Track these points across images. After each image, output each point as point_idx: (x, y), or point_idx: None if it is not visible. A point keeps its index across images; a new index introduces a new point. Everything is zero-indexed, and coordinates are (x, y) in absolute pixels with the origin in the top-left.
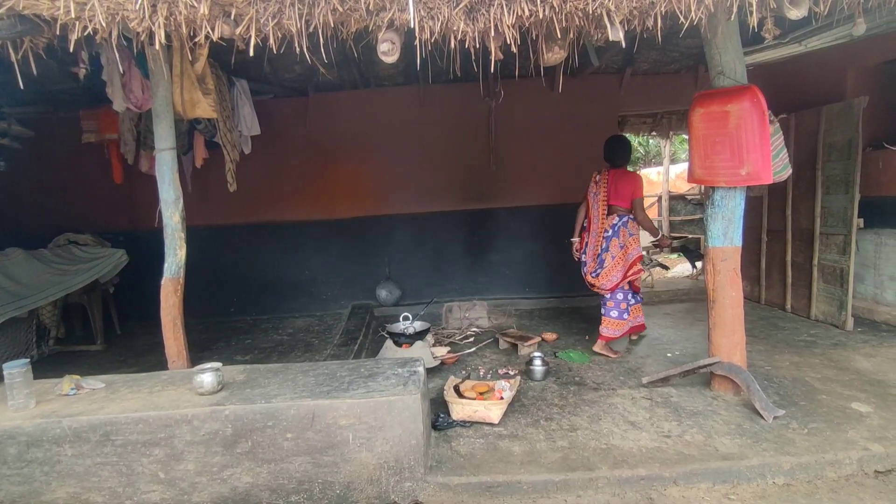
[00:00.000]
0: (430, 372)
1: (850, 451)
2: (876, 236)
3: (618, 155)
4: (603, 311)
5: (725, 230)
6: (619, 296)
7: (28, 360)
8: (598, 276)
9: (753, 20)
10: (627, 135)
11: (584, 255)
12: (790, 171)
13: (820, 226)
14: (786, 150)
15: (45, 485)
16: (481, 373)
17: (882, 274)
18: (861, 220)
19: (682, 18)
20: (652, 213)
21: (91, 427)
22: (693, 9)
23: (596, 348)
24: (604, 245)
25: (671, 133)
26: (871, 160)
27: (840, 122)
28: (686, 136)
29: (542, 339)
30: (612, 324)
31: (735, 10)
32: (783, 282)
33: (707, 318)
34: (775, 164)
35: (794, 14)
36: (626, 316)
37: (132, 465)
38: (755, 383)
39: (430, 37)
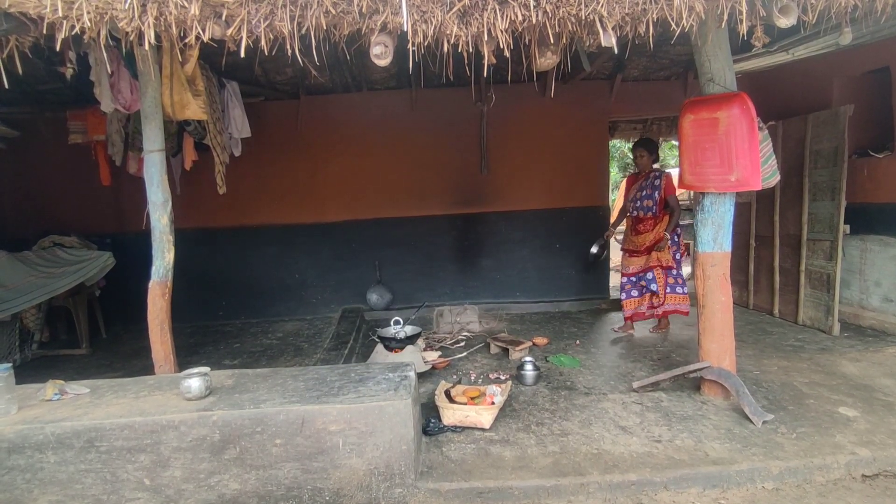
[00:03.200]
0: (421, 377)
1: (837, 456)
2: (861, 242)
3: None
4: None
5: (715, 236)
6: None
7: (10, 364)
8: None
9: (743, 28)
10: (618, 141)
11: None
12: (778, 177)
13: (807, 232)
14: (774, 156)
15: (27, 492)
16: (472, 377)
17: (867, 279)
18: (847, 227)
19: (673, 25)
20: None
21: (75, 433)
22: (684, 16)
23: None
24: None
25: (661, 139)
26: (856, 168)
27: (826, 129)
28: (675, 143)
29: (534, 344)
30: None
31: (725, 17)
32: (771, 287)
33: (696, 323)
34: (764, 171)
35: (784, 23)
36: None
37: (117, 472)
38: (744, 388)
39: (423, 40)
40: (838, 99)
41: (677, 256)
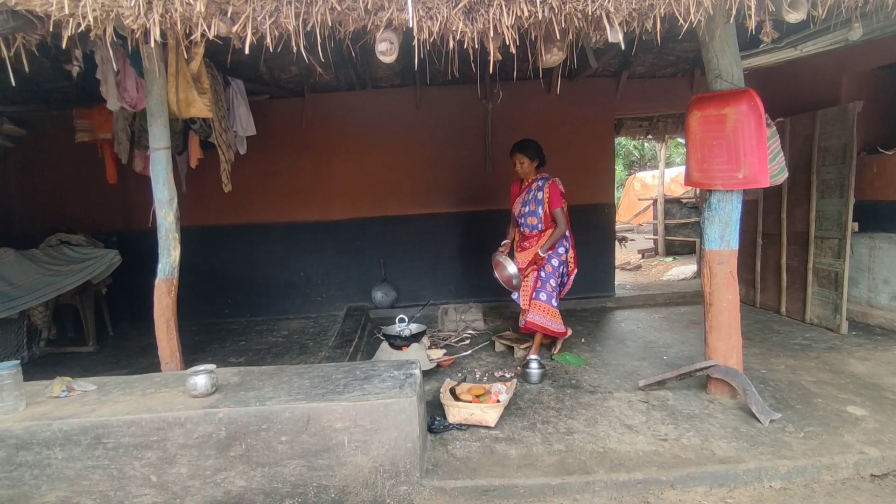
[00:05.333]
0: (426, 374)
1: (846, 455)
2: (870, 240)
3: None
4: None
5: (722, 233)
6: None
7: (18, 361)
8: None
9: (751, 23)
10: (624, 138)
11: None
12: (786, 174)
13: (815, 230)
14: (782, 153)
15: (35, 488)
16: (477, 375)
17: (876, 278)
18: (856, 224)
19: (680, 21)
20: (647, 217)
21: (82, 430)
22: (692, 11)
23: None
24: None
25: (667, 136)
26: (865, 164)
27: (835, 126)
28: (682, 140)
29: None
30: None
31: (734, 13)
32: (778, 285)
33: (703, 322)
34: (772, 168)
35: (793, 17)
36: None
37: (124, 469)
38: (751, 386)
39: (429, 37)
40: (847, 95)
41: (552, 282)
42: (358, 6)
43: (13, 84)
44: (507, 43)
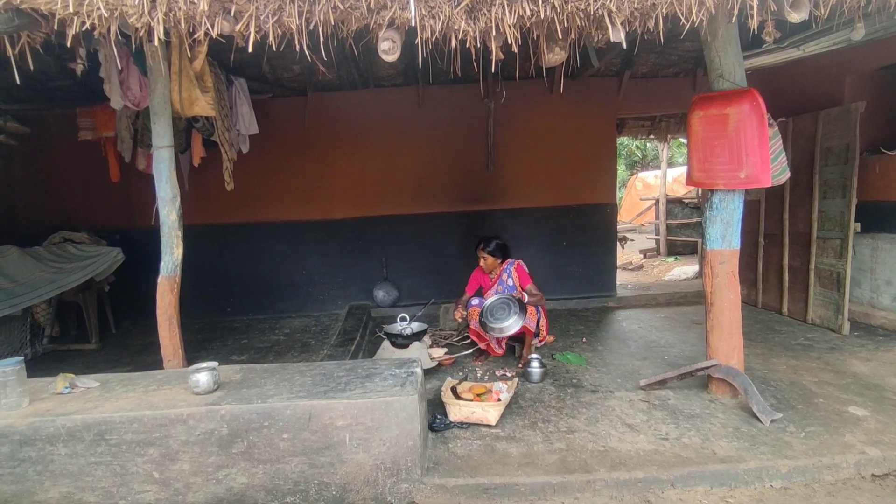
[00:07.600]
0: (428, 373)
1: (847, 455)
2: (872, 241)
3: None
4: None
5: (724, 233)
6: None
7: (21, 358)
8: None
9: (754, 23)
10: (626, 138)
11: None
12: (788, 174)
13: (817, 230)
14: (784, 153)
15: (38, 484)
16: (478, 374)
17: (878, 278)
18: (858, 225)
19: (682, 20)
20: (649, 216)
21: (85, 426)
22: (694, 11)
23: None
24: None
25: (669, 136)
26: (868, 165)
27: (837, 126)
28: (684, 140)
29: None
30: None
31: (736, 12)
32: (780, 286)
33: (704, 321)
34: (774, 168)
35: (795, 17)
36: None
37: (126, 465)
38: (752, 386)
39: (431, 36)
40: (850, 95)
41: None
42: (360, 5)
43: (17, 82)
44: (510, 42)
